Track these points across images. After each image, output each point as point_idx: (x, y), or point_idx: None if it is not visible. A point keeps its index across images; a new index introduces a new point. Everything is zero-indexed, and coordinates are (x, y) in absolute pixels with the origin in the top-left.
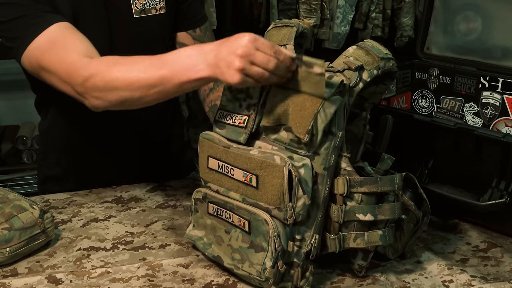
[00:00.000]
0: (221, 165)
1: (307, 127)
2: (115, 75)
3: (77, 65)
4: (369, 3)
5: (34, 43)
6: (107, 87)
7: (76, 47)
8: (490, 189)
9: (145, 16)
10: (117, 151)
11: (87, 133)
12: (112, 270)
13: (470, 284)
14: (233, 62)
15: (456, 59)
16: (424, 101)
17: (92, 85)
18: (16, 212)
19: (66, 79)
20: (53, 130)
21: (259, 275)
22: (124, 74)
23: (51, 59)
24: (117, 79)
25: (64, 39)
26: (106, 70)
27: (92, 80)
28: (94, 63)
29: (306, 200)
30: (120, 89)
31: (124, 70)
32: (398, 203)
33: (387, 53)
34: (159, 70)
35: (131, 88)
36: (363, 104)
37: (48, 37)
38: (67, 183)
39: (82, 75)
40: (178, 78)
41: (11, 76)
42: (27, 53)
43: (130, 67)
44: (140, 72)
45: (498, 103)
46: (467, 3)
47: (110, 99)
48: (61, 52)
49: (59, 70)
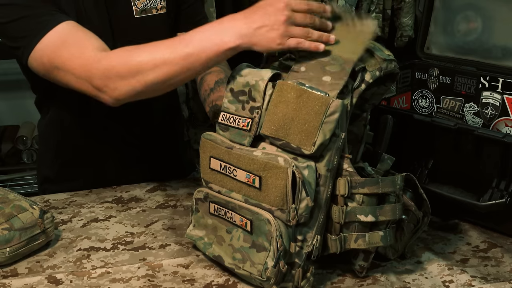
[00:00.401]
0: (223, 166)
1: (312, 140)
2: (139, 59)
3: (95, 58)
4: (369, 3)
5: (43, 41)
6: (131, 72)
7: (90, 42)
8: (490, 189)
9: (146, 16)
10: (117, 151)
11: (87, 133)
12: (112, 270)
13: (470, 284)
14: (275, 28)
15: (456, 59)
16: (424, 101)
17: (114, 74)
18: (16, 212)
19: (83, 75)
20: (53, 129)
21: (260, 275)
22: (149, 55)
23: (64, 56)
24: (141, 62)
25: (76, 35)
26: (129, 56)
27: (114, 69)
28: (114, 52)
29: (309, 202)
30: (146, 72)
31: (148, 52)
32: (399, 204)
33: (389, 54)
34: (185, 49)
35: (158, 69)
36: (364, 105)
37: (58, 34)
38: (67, 183)
39: (102, 65)
40: (206, 53)
41: (11, 76)
42: (36, 52)
43: (153, 49)
44: (165, 53)
45: (498, 103)
46: (467, 3)
47: (135, 85)
48: (74, 49)
49: (75, 66)
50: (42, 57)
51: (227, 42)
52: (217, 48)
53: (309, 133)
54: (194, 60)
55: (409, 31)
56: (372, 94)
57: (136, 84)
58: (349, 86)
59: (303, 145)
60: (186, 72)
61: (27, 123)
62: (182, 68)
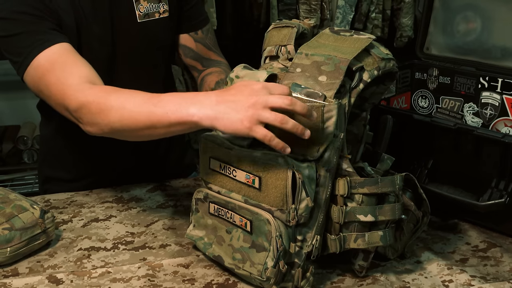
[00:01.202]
0: (223, 166)
1: (316, 147)
2: (110, 104)
3: (75, 89)
4: (369, 4)
5: (34, 62)
6: (101, 115)
7: (77, 70)
8: (490, 189)
9: (149, 20)
10: (118, 151)
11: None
12: (112, 270)
13: (469, 284)
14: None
15: (456, 59)
16: (424, 101)
17: (87, 111)
18: (17, 212)
19: (61, 102)
20: (57, 134)
21: (260, 275)
22: (119, 104)
23: (50, 81)
24: (111, 108)
25: (65, 61)
26: (103, 97)
27: (87, 106)
28: (93, 89)
29: (309, 202)
30: (112, 119)
31: (120, 100)
32: (398, 203)
33: (387, 53)
34: (151, 107)
35: (122, 120)
36: (363, 105)
37: (49, 57)
38: (68, 183)
39: (79, 99)
40: (168, 117)
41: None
42: (29, 72)
43: (126, 98)
44: (134, 106)
45: (497, 103)
46: (466, 3)
47: (102, 127)
48: (60, 74)
49: (55, 93)
50: (33, 78)
51: (190, 115)
52: (179, 115)
53: (313, 141)
54: (156, 120)
55: (409, 31)
56: (371, 93)
57: (103, 127)
58: (347, 85)
59: (308, 153)
60: (149, 130)
61: (28, 123)
62: (145, 124)
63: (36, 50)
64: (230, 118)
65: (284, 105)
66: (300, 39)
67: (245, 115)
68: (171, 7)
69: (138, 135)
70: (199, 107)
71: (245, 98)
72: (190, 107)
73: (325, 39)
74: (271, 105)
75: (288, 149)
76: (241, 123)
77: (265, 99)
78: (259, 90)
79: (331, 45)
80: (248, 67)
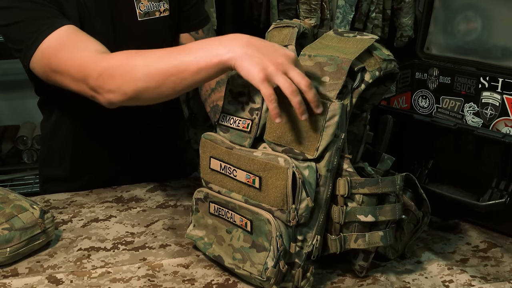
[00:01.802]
0: (223, 166)
1: (315, 145)
2: (134, 63)
3: (93, 59)
4: (369, 3)
5: (43, 44)
6: (125, 77)
7: (89, 44)
8: (490, 189)
9: (150, 19)
10: (119, 151)
11: (90, 134)
12: (112, 270)
13: (470, 284)
14: (265, 61)
15: (456, 59)
16: (424, 101)
17: (109, 76)
18: (17, 212)
19: (80, 76)
20: (57, 132)
21: (260, 275)
22: (143, 61)
23: (62, 58)
24: (135, 67)
25: (75, 38)
26: (126, 59)
27: (109, 70)
28: (112, 54)
29: (309, 203)
30: (137, 77)
31: (143, 58)
32: (399, 204)
33: (389, 54)
34: (177, 55)
35: (148, 75)
36: (363, 105)
37: (58, 38)
38: (69, 183)
39: (99, 66)
40: (197, 62)
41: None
42: (37, 56)
43: (149, 55)
44: (158, 59)
45: (498, 103)
46: (467, 3)
47: (126, 90)
48: (73, 50)
49: (72, 68)
50: (42, 60)
51: (220, 55)
52: (209, 59)
53: (311, 139)
54: (185, 68)
55: (409, 31)
56: (372, 94)
57: (127, 89)
58: (349, 86)
59: (307, 151)
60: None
61: (28, 123)
62: (173, 75)
63: (43, 34)
64: (251, 63)
65: (301, 84)
66: (301, 39)
67: (264, 67)
68: (172, 6)
69: (161, 90)
70: (229, 48)
71: (274, 54)
72: (220, 48)
73: (329, 41)
74: (291, 75)
75: (279, 119)
76: (257, 72)
77: (289, 67)
78: (289, 56)
79: (334, 46)
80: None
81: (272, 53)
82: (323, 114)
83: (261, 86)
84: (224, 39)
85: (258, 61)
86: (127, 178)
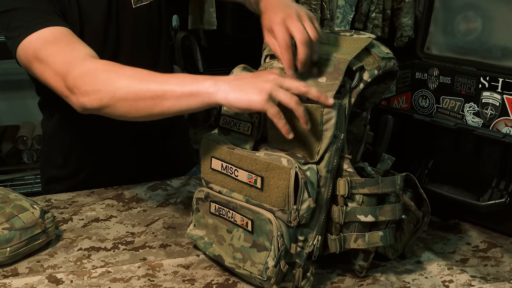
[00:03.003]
0: (224, 166)
1: (316, 149)
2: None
3: (81, 59)
4: (369, 3)
5: (34, 34)
6: (107, 82)
7: (82, 47)
8: (490, 189)
9: (143, 5)
10: (119, 151)
11: (91, 134)
12: (112, 270)
13: (470, 284)
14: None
15: (456, 59)
16: (424, 101)
17: (92, 77)
18: (17, 212)
19: (62, 70)
20: (59, 132)
21: (261, 274)
22: (131, 73)
23: (50, 50)
24: (120, 76)
25: (70, 39)
26: (116, 65)
27: (94, 72)
28: (101, 61)
29: (311, 203)
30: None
31: (132, 71)
32: (399, 204)
33: (388, 52)
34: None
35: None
36: (364, 104)
37: (52, 33)
38: (71, 183)
39: (85, 66)
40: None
41: (11, 76)
42: (25, 43)
43: (139, 70)
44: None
45: (498, 103)
46: (467, 3)
47: (103, 96)
48: (64, 46)
49: (57, 60)
50: (28, 48)
51: (206, 87)
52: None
53: (312, 143)
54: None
55: (409, 31)
56: (372, 92)
57: (103, 96)
58: (347, 85)
59: (308, 155)
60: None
61: (28, 123)
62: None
63: (40, 25)
64: (247, 90)
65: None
66: None
67: (262, 88)
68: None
69: (138, 107)
70: (216, 81)
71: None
72: (206, 81)
73: (325, 40)
74: (287, 86)
75: (291, 135)
76: (258, 96)
77: (282, 80)
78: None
79: (331, 45)
80: (247, 68)
81: (258, 76)
82: (320, 119)
83: (266, 107)
84: (213, 77)
85: (252, 86)
86: (127, 178)
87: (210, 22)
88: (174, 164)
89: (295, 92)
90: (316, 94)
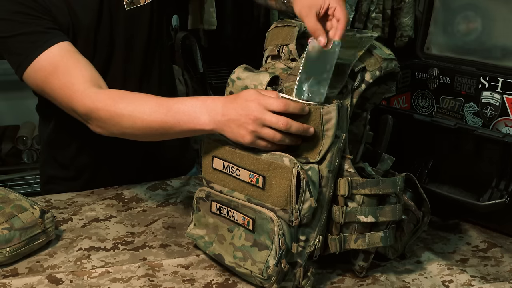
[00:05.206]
0: (226, 165)
1: (318, 150)
2: (121, 112)
3: (82, 94)
4: (369, 3)
5: (35, 63)
6: (111, 121)
7: (81, 73)
8: (490, 189)
9: (135, 7)
10: (119, 151)
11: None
12: (112, 270)
13: (470, 284)
14: (244, 125)
15: (456, 59)
16: (424, 101)
17: (96, 116)
18: (17, 212)
19: (69, 106)
20: (56, 134)
21: (261, 273)
22: (130, 112)
23: (54, 85)
24: (122, 116)
25: (67, 63)
26: (112, 105)
27: (96, 112)
28: (100, 95)
29: (312, 203)
30: (124, 126)
31: (129, 108)
32: (399, 204)
33: (389, 53)
34: (163, 116)
35: (134, 127)
36: (364, 104)
37: (50, 59)
38: (71, 184)
39: (87, 105)
40: (181, 126)
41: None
42: (29, 73)
43: (136, 106)
44: (145, 114)
45: (498, 103)
46: (467, 3)
47: (113, 131)
48: (64, 78)
49: (62, 97)
50: (35, 80)
51: (202, 124)
52: (192, 125)
53: (313, 144)
54: (169, 127)
55: (409, 31)
56: (373, 93)
57: (114, 130)
58: (349, 86)
59: (310, 155)
60: (161, 135)
61: (28, 123)
62: (157, 131)
63: (36, 52)
64: (234, 132)
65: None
66: (302, 39)
67: (247, 129)
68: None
69: (150, 139)
70: (211, 116)
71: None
72: (201, 117)
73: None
74: (268, 123)
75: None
76: (243, 137)
77: (263, 116)
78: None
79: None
80: (249, 68)
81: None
82: (320, 119)
83: (255, 146)
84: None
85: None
86: (127, 178)
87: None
88: (174, 164)
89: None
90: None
